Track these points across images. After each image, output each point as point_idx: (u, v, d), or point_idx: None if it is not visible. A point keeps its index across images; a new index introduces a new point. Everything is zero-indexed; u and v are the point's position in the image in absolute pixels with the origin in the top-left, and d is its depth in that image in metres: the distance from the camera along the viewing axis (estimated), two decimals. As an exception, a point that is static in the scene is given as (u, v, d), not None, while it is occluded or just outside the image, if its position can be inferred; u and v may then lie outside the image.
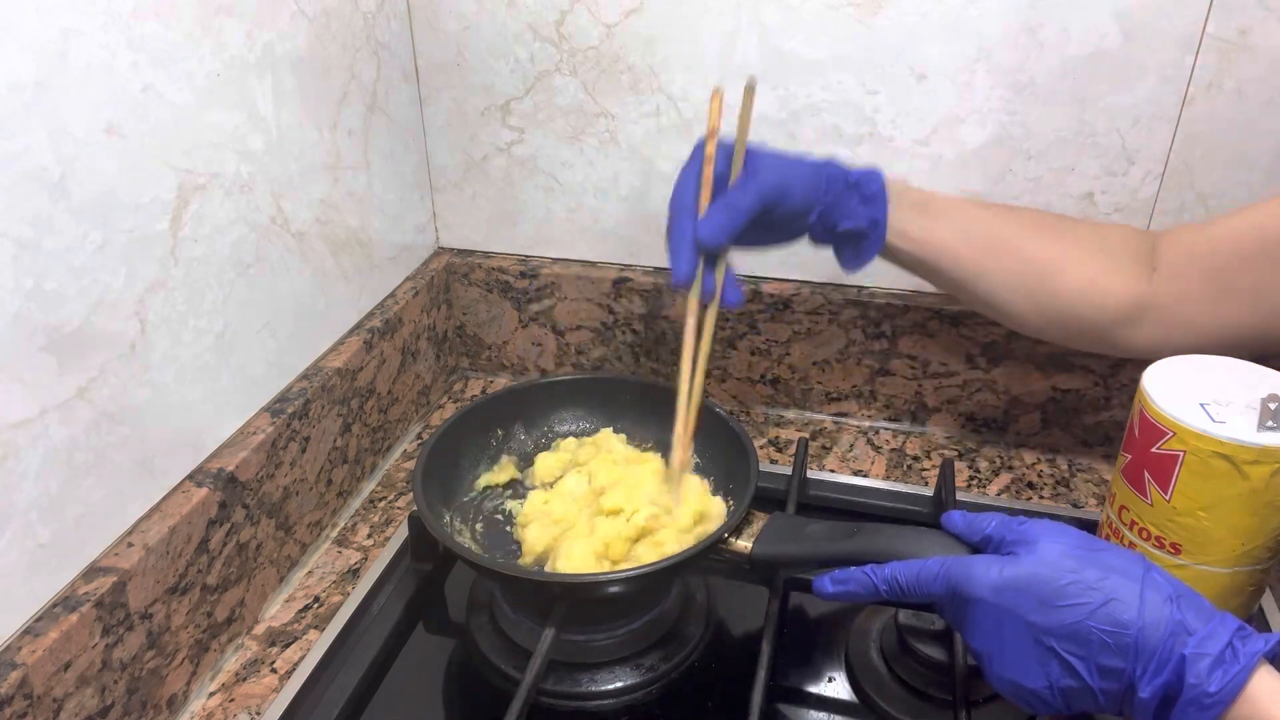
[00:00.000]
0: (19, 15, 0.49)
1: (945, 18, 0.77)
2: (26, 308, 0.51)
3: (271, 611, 0.73)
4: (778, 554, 0.63)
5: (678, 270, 0.66)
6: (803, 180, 0.68)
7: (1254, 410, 0.57)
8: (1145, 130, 0.78)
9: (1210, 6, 0.72)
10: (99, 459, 0.57)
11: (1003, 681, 0.51)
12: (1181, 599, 0.48)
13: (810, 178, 0.69)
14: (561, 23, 0.85)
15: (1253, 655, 0.45)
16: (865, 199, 0.70)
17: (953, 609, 0.53)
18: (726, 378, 0.95)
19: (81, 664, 0.55)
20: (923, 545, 0.56)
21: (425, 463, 0.69)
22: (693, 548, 0.63)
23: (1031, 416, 0.90)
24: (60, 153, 0.52)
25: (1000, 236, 0.71)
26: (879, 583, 0.55)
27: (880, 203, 0.70)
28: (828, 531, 0.62)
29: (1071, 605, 0.48)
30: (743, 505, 0.65)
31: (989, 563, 0.51)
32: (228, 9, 0.64)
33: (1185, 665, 0.46)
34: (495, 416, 0.77)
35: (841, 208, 0.70)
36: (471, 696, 0.67)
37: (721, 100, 0.68)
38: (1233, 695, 0.45)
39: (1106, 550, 0.51)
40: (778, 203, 0.67)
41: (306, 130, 0.74)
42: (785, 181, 0.67)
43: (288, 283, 0.74)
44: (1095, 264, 0.70)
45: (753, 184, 0.67)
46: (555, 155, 0.91)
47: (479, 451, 0.76)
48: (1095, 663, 0.48)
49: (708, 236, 0.66)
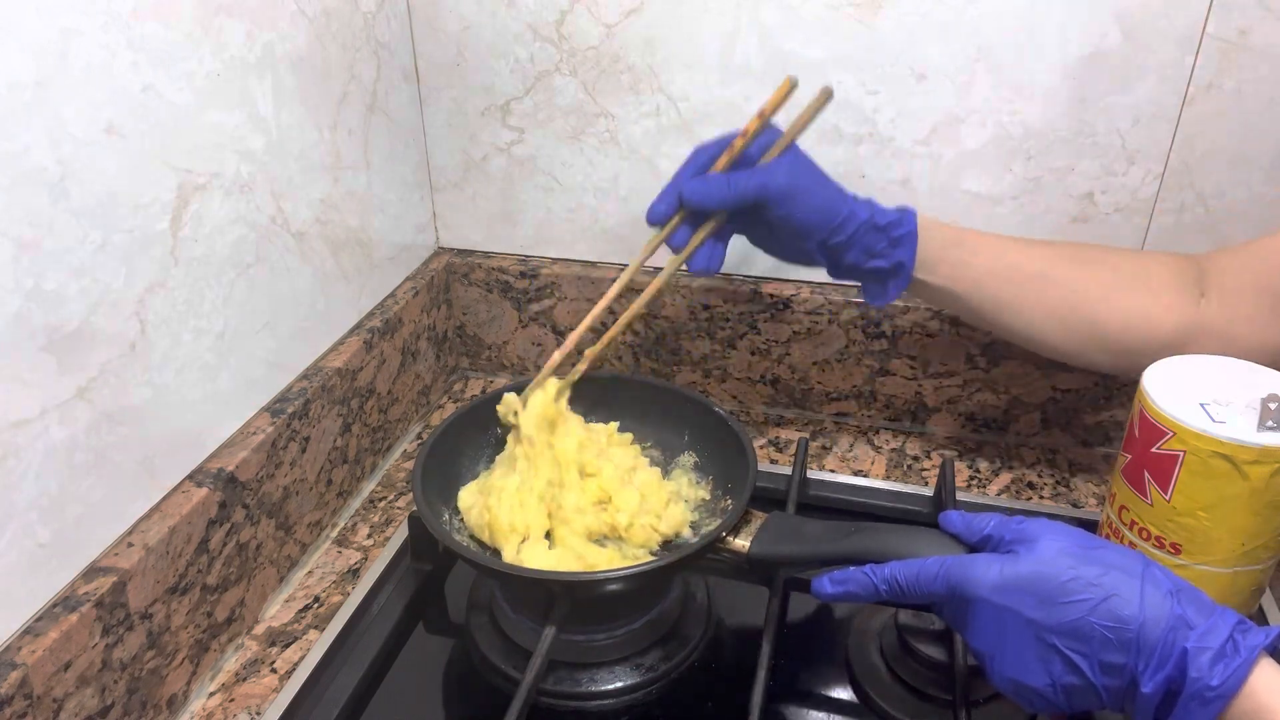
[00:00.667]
0: (19, 15, 0.49)
1: (945, 18, 0.77)
2: (26, 308, 0.51)
3: (271, 611, 0.73)
4: (776, 553, 0.63)
5: (653, 209, 0.69)
6: (817, 202, 0.68)
7: (1254, 410, 0.57)
8: (1145, 130, 0.78)
9: (1210, 6, 0.72)
10: (99, 459, 0.57)
11: (1005, 681, 0.51)
12: (1181, 593, 0.48)
13: (827, 205, 0.68)
14: (561, 23, 0.85)
15: (1253, 649, 0.45)
16: (894, 241, 0.70)
17: (953, 609, 0.53)
18: (726, 378, 0.95)
19: (81, 664, 0.55)
20: (920, 545, 0.56)
21: (424, 462, 0.69)
22: (690, 547, 0.63)
23: (1031, 416, 0.90)
24: (60, 153, 0.52)
25: (1033, 270, 0.71)
26: (879, 583, 0.55)
27: (909, 245, 0.70)
28: (826, 531, 0.62)
29: (1072, 602, 0.48)
30: (741, 504, 0.65)
31: (989, 562, 0.51)
32: (228, 9, 0.64)
33: (1187, 659, 0.46)
34: (494, 415, 0.77)
35: (866, 248, 0.70)
36: (471, 696, 0.67)
37: (790, 89, 0.68)
38: (1235, 689, 0.45)
39: (1105, 548, 0.51)
40: (778, 205, 0.67)
41: (306, 130, 0.74)
42: (796, 191, 0.67)
43: (288, 283, 0.74)
44: (1137, 294, 0.70)
45: (761, 176, 0.67)
46: (555, 155, 0.91)
47: (478, 450, 0.76)
48: (1097, 659, 0.48)
49: (691, 192, 0.67)
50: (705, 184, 0.67)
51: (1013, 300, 0.71)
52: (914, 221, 0.70)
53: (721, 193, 0.67)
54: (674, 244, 0.70)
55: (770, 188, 0.67)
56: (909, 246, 0.70)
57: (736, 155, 0.68)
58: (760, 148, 0.69)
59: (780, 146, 0.69)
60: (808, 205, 0.68)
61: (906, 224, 0.70)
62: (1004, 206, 0.83)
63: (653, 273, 0.73)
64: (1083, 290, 0.71)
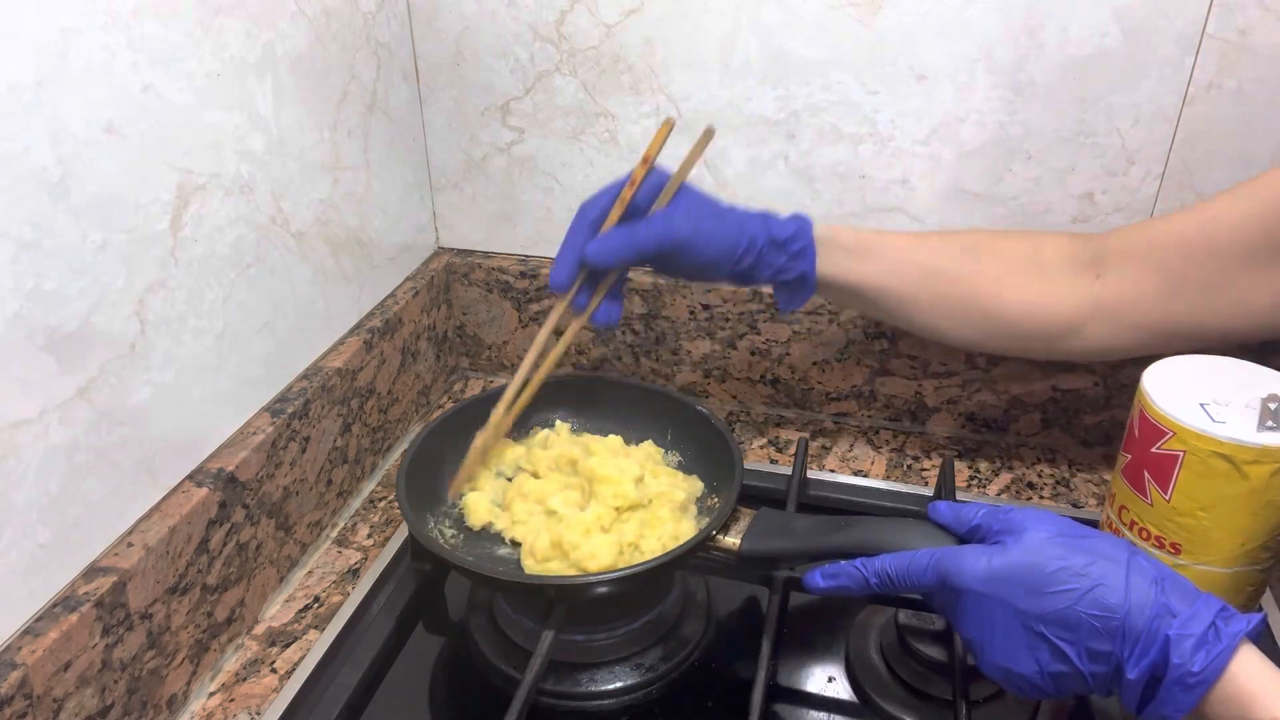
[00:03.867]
0: (19, 15, 0.49)
1: (945, 18, 0.77)
2: (26, 308, 0.51)
3: (271, 611, 0.73)
4: (765, 550, 0.63)
5: (556, 276, 0.68)
6: (718, 240, 0.68)
7: (1254, 410, 0.57)
8: (1145, 130, 0.78)
9: (1210, 6, 0.72)
10: (99, 459, 0.57)
11: (994, 668, 0.52)
12: (1165, 581, 0.49)
13: (729, 238, 0.69)
14: (561, 23, 0.85)
15: (1235, 635, 0.46)
16: (793, 255, 0.71)
17: (943, 599, 0.54)
18: (726, 378, 0.95)
19: (81, 664, 0.55)
20: (909, 537, 0.57)
21: (408, 471, 0.68)
22: (679, 546, 0.62)
23: (1031, 416, 0.90)
24: (60, 153, 0.52)
25: (930, 267, 0.72)
26: (870, 576, 0.55)
27: (808, 256, 0.71)
28: (815, 526, 0.62)
29: (1059, 592, 0.49)
30: (729, 502, 0.65)
31: (978, 553, 0.52)
32: (228, 9, 0.64)
33: (1170, 646, 0.46)
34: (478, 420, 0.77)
35: (769, 264, 0.71)
36: (471, 696, 0.67)
37: (669, 131, 0.68)
38: (1216, 674, 0.46)
39: (1091, 536, 0.52)
40: (681, 253, 0.67)
41: (306, 130, 0.74)
42: (696, 237, 0.67)
43: (288, 283, 0.74)
44: (1032, 283, 0.71)
45: (661, 226, 0.67)
46: (555, 155, 0.91)
47: (460, 455, 0.76)
48: (1084, 646, 0.49)
49: (594, 254, 0.66)
50: (607, 243, 0.66)
51: (912, 297, 0.73)
52: (809, 233, 0.71)
53: (625, 251, 0.66)
54: (577, 306, 0.69)
55: (673, 237, 0.67)
56: (808, 258, 0.71)
57: (625, 206, 0.67)
58: (649, 191, 0.68)
59: (672, 189, 0.68)
60: (709, 247, 0.68)
61: (803, 237, 0.71)
62: (1004, 206, 0.83)
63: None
64: (974, 281, 0.72)
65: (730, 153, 0.87)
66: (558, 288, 0.68)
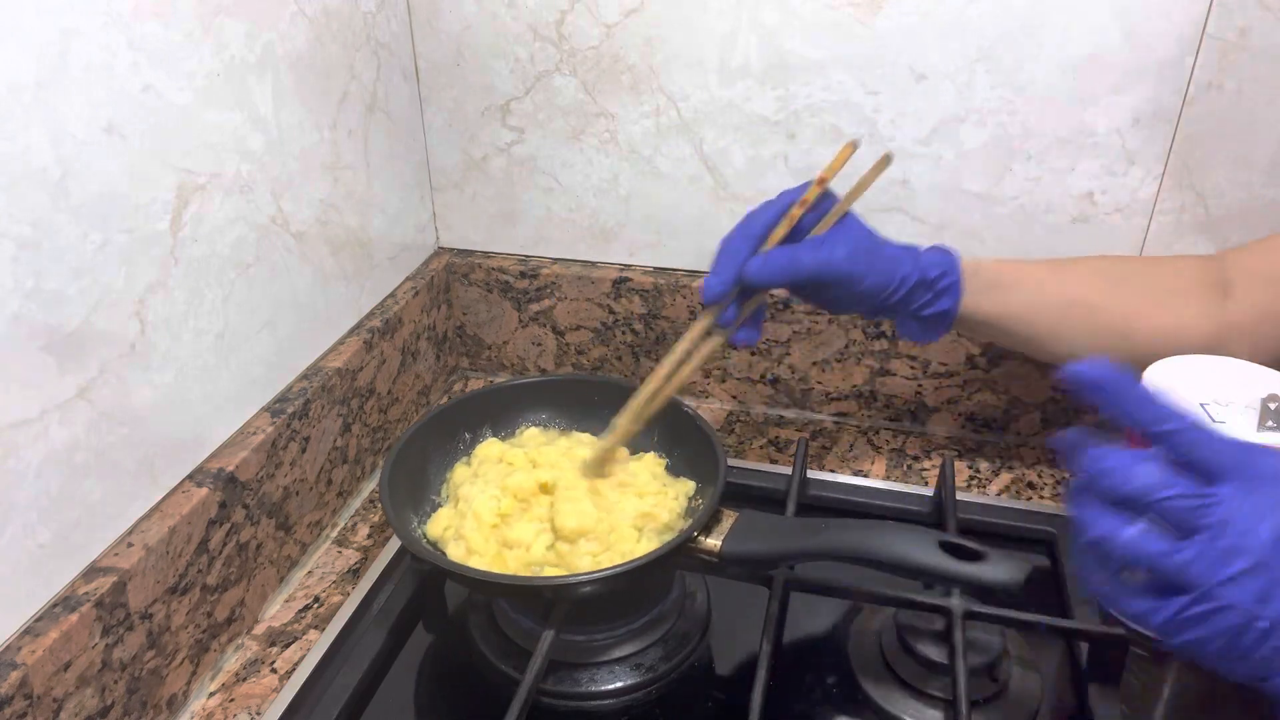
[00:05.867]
0: (19, 15, 0.49)
1: (945, 18, 0.77)
2: (26, 308, 0.51)
3: (271, 611, 0.73)
4: (747, 551, 0.63)
5: (710, 288, 0.65)
6: (874, 277, 0.67)
7: (1254, 410, 0.57)
8: (1145, 130, 0.78)
9: (1210, 6, 0.72)
10: (99, 459, 0.57)
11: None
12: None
13: (884, 275, 0.67)
14: (561, 23, 0.85)
15: None
16: (938, 292, 0.69)
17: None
18: (726, 378, 0.95)
19: (81, 664, 0.55)
20: (889, 539, 0.58)
21: (390, 473, 0.68)
22: (660, 548, 0.62)
23: (1031, 416, 0.90)
24: (60, 153, 0.52)
25: (1069, 297, 0.72)
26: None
27: (954, 293, 0.69)
28: (797, 528, 0.63)
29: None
30: (711, 504, 0.65)
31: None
32: (228, 9, 0.64)
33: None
34: (462, 420, 0.77)
35: (912, 300, 0.69)
36: (471, 696, 0.67)
37: (852, 152, 0.67)
38: None
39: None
40: (835, 285, 0.66)
41: (306, 130, 0.74)
42: (854, 272, 0.66)
43: (288, 283, 0.74)
44: (1168, 310, 0.71)
45: (825, 256, 0.65)
46: (555, 155, 0.91)
47: (445, 457, 0.75)
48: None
49: (756, 273, 0.64)
50: (772, 263, 0.64)
51: (1054, 329, 0.72)
52: (957, 270, 0.69)
53: (787, 274, 0.65)
54: (724, 321, 0.67)
55: (835, 269, 0.65)
56: (954, 295, 0.70)
57: (791, 225, 0.66)
58: (816, 212, 0.67)
59: (836, 214, 0.67)
60: (864, 284, 0.66)
61: (951, 274, 0.69)
62: (1004, 206, 0.83)
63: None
64: (1119, 311, 0.71)
65: (730, 153, 0.87)
66: (711, 300, 0.65)
